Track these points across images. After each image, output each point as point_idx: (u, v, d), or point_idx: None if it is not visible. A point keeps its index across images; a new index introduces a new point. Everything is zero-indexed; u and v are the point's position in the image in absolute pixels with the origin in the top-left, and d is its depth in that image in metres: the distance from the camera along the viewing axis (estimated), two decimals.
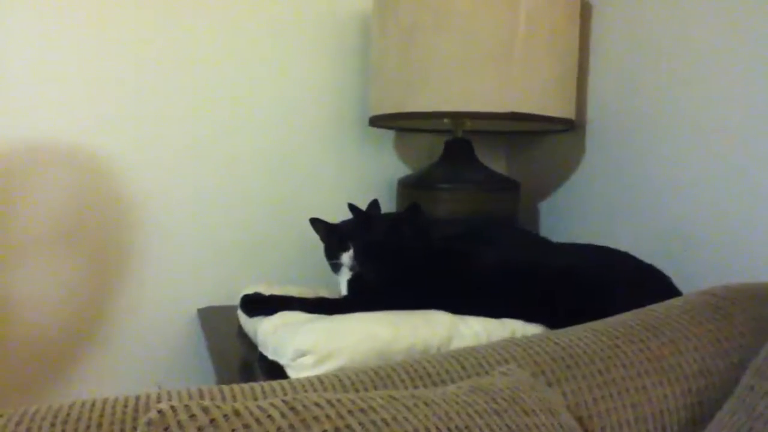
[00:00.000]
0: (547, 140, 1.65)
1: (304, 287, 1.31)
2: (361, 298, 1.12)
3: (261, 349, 1.07)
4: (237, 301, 1.32)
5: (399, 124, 1.59)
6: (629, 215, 1.34)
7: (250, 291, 1.20)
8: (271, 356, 1.00)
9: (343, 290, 1.24)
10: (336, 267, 1.24)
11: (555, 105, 1.33)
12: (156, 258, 1.49)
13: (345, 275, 1.23)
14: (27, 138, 1.37)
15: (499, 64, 1.24)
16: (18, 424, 0.60)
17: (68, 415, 0.61)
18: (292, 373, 0.90)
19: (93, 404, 0.62)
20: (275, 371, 0.97)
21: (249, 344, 1.19)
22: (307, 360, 0.89)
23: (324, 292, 1.28)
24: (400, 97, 1.30)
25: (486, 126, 1.58)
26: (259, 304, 1.15)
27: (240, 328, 1.28)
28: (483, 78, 1.24)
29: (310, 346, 0.90)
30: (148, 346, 1.50)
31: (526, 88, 1.26)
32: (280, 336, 0.98)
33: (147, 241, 1.48)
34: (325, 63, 1.60)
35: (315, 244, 1.31)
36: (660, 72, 1.26)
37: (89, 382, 1.45)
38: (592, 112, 1.46)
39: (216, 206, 1.53)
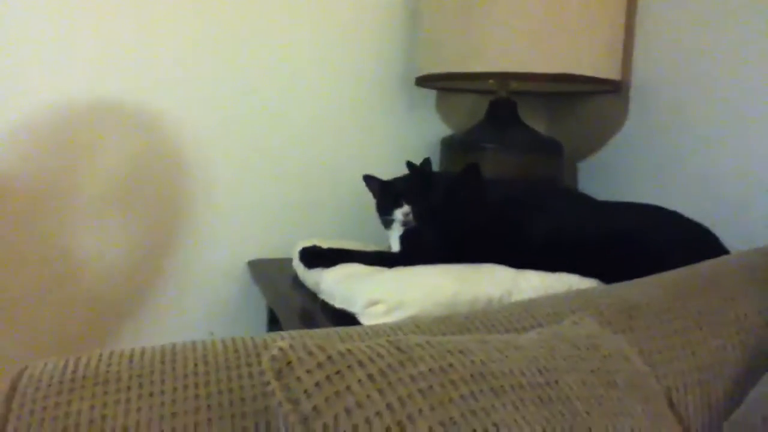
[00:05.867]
0: (590, 101, 1.67)
1: (355, 241, 1.36)
2: (418, 252, 1.16)
3: (325, 298, 1.12)
4: (284, 254, 1.36)
5: (448, 85, 1.61)
6: (673, 176, 1.36)
7: (307, 245, 1.25)
8: (338, 305, 1.06)
9: (394, 245, 1.28)
10: (388, 222, 1.29)
11: (603, 67, 1.35)
12: (209, 213, 1.54)
13: (397, 231, 1.27)
14: (89, 97, 1.41)
15: (553, 25, 1.25)
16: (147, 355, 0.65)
17: (184, 354, 0.67)
18: (364, 321, 0.96)
19: (213, 344, 0.67)
20: (342, 319, 1.02)
21: (306, 294, 1.24)
22: (379, 308, 0.94)
23: (373, 247, 1.33)
24: (456, 58, 1.32)
25: (530, 87, 1.60)
26: (319, 257, 1.20)
27: (295, 278, 1.32)
28: (538, 39, 1.26)
29: (383, 295, 0.95)
30: (201, 297, 1.56)
31: (577, 50, 1.28)
32: (349, 286, 1.03)
33: (201, 197, 1.53)
34: (369, 25, 1.61)
35: (362, 200, 1.35)
36: (707, 34, 1.27)
37: (146, 332, 1.52)
38: (637, 74, 1.47)
39: (265, 165, 1.58)
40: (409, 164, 1.22)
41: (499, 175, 1.43)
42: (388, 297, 0.95)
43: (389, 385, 0.56)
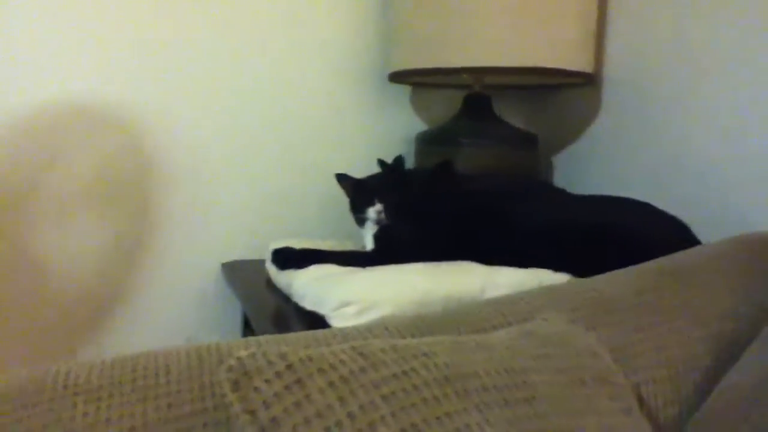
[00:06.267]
0: (564, 95, 1.67)
1: (330, 241, 1.35)
2: (391, 250, 1.15)
3: (297, 300, 1.10)
4: (259, 256, 1.34)
5: (421, 80, 1.60)
6: (648, 168, 1.37)
7: (279, 245, 1.23)
8: (309, 307, 1.04)
9: (368, 244, 1.27)
10: (361, 221, 1.27)
11: (576, 59, 1.34)
12: (182, 214, 1.52)
13: (370, 229, 1.26)
14: (61, 96, 1.39)
15: (525, 18, 1.25)
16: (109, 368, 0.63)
17: (145, 365, 0.65)
18: (335, 323, 0.94)
19: (177, 354, 0.66)
20: (314, 321, 1.01)
21: (279, 296, 1.22)
22: (350, 310, 0.93)
23: (349, 246, 1.32)
24: (429, 53, 1.30)
25: (504, 81, 1.59)
26: (291, 258, 1.18)
27: (268, 281, 1.31)
28: (511, 33, 1.25)
29: (354, 297, 0.94)
30: (177, 300, 1.54)
31: (550, 43, 1.28)
32: (320, 287, 1.02)
33: (175, 200, 1.51)
34: (342, 22, 1.60)
35: (335, 198, 1.34)
36: (681, 25, 1.27)
37: (121, 334, 1.50)
38: (611, 67, 1.47)
39: (238, 165, 1.56)
40: (381, 162, 1.21)
41: (475, 170, 1.43)
42: (359, 298, 0.94)
43: (351, 392, 0.55)
